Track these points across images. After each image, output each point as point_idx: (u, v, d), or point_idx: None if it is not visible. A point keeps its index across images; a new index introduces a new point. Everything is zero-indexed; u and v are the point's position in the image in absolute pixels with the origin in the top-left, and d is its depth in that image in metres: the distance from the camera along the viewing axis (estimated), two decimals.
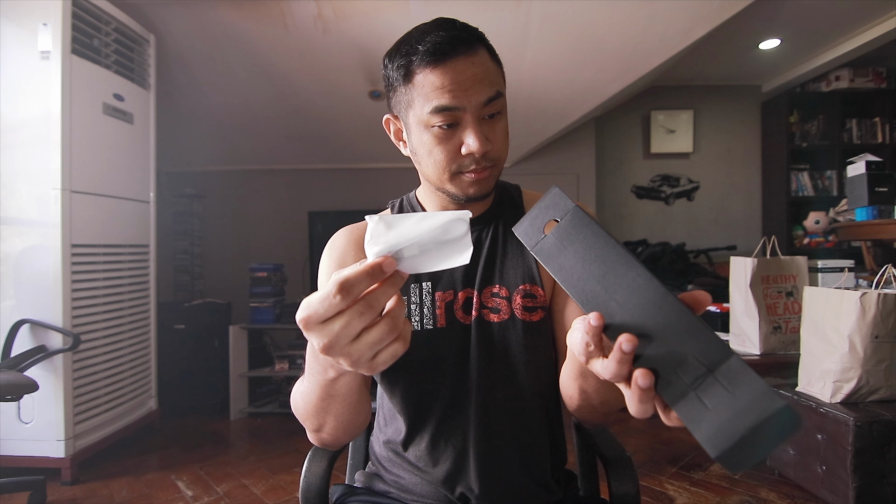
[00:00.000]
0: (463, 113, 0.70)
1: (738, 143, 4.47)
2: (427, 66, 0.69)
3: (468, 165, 0.73)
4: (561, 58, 2.92)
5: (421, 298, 0.80)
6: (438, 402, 0.78)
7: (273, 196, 4.09)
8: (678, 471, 2.17)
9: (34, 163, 2.07)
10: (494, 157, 0.75)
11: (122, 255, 2.43)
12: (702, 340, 0.37)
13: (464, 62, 0.69)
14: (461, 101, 0.69)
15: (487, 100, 0.71)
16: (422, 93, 0.71)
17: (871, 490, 1.66)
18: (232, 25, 2.64)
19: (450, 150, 0.73)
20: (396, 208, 0.89)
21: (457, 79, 0.69)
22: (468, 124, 0.71)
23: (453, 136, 0.72)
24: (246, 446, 2.59)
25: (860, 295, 1.71)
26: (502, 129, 0.75)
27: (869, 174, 2.52)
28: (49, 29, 2.04)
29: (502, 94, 0.74)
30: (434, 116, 0.70)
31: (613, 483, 0.79)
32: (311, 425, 0.71)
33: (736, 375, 0.35)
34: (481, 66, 0.71)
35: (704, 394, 0.36)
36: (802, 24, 3.35)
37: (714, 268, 3.96)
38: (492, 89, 0.71)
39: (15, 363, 1.93)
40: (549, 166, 4.18)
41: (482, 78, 0.70)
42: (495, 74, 0.73)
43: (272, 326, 3.06)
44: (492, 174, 0.76)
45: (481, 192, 0.77)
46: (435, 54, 0.69)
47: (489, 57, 0.73)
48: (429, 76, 0.70)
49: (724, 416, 0.35)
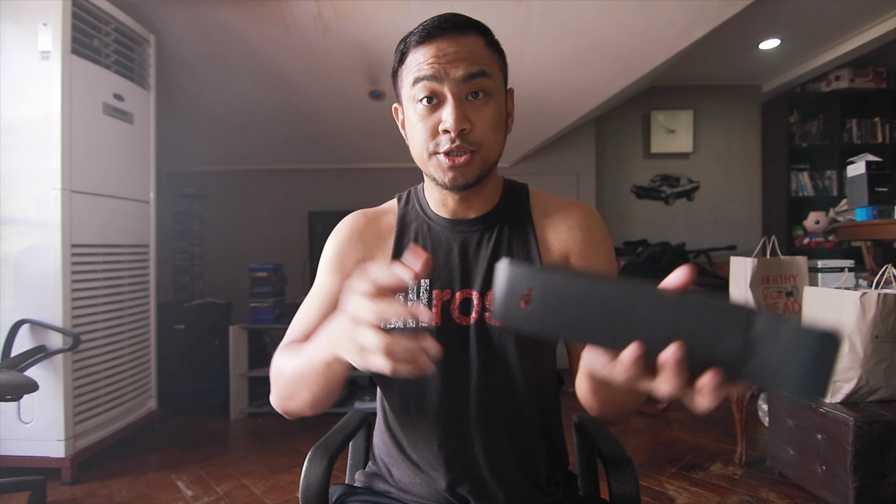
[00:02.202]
0: (442, 87, 0.70)
1: (738, 143, 4.47)
2: (416, 45, 0.72)
3: (445, 144, 0.71)
4: (561, 58, 2.91)
5: (417, 296, 0.79)
6: (436, 404, 0.78)
7: (273, 196, 4.09)
8: (678, 471, 2.17)
9: (34, 163, 2.07)
10: (475, 140, 0.72)
11: (122, 255, 2.43)
12: (723, 316, 0.39)
13: (449, 40, 0.71)
14: (439, 72, 0.70)
15: (468, 75, 0.70)
16: (410, 69, 0.73)
17: (871, 490, 1.66)
18: (232, 25, 2.64)
19: (429, 126, 0.72)
20: (403, 200, 0.88)
21: (438, 53, 0.70)
22: (447, 101, 0.71)
23: (434, 112, 0.72)
24: (246, 446, 2.59)
25: (860, 295, 1.71)
26: (488, 115, 0.72)
27: (869, 174, 2.52)
28: (49, 29, 2.04)
29: (487, 74, 0.72)
30: (416, 90, 0.71)
31: (613, 483, 0.79)
32: (285, 392, 0.70)
33: (770, 327, 0.38)
34: (466, 46, 0.71)
35: (756, 356, 0.38)
36: (802, 24, 3.35)
37: (714, 268, 3.96)
38: (474, 66, 0.71)
39: (15, 363, 1.93)
40: (549, 166, 4.18)
41: (465, 56, 0.71)
42: (484, 56, 0.73)
43: (272, 326, 3.06)
44: (472, 161, 0.72)
45: (459, 181, 0.73)
46: (423, 33, 0.72)
47: (483, 43, 0.73)
48: (416, 53, 0.72)
49: (783, 363, 0.37)
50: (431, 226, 0.83)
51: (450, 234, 0.82)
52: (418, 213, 0.85)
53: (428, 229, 0.83)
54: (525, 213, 0.83)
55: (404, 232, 0.84)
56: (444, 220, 0.82)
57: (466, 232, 0.81)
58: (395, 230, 0.84)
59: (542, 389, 0.80)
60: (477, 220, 0.82)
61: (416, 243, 0.82)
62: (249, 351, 3.10)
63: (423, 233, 0.83)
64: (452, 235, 0.82)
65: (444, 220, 0.82)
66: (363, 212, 0.87)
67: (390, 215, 0.86)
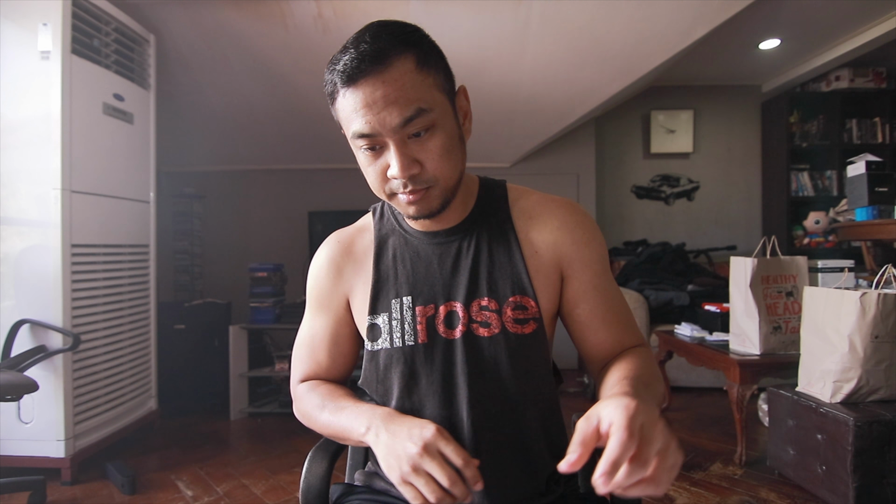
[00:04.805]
0: (382, 137, 0.66)
1: (738, 143, 4.47)
2: (342, 86, 0.66)
3: (398, 187, 0.70)
4: (561, 58, 2.91)
5: (402, 314, 0.77)
6: (430, 402, 0.77)
7: (273, 196, 4.09)
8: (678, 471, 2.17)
9: (34, 163, 2.07)
10: (428, 177, 0.69)
11: (122, 255, 2.43)
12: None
13: (373, 82, 0.64)
14: (374, 127, 0.65)
15: (403, 121, 0.65)
16: (343, 116, 0.69)
17: (871, 490, 1.66)
18: (232, 25, 2.64)
19: (378, 172, 0.70)
20: (378, 214, 0.87)
21: (366, 101, 0.64)
22: (390, 147, 0.67)
23: (380, 156, 0.69)
24: (246, 446, 2.59)
25: (860, 295, 1.72)
26: (436, 147, 0.68)
27: (869, 174, 2.52)
28: (49, 29, 2.04)
29: (424, 111, 0.65)
30: (357, 140, 0.68)
31: None
32: (313, 427, 0.82)
33: None
34: (393, 84, 0.64)
35: None
36: (802, 24, 3.35)
37: (714, 268, 3.97)
38: (409, 108, 0.64)
39: (15, 363, 1.93)
40: (549, 166, 4.19)
41: (395, 98, 0.64)
42: (416, 88, 0.65)
43: (272, 326, 3.06)
44: (430, 195, 0.70)
45: (423, 213, 0.72)
46: (345, 74, 0.65)
47: (413, 66, 0.65)
48: (344, 99, 0.67)
49: None
50: (409, 239, 0.82)
51: (427, 247, 0.80)
52: (394, 226, 0.84)
53: (405, 243, 0.82)
54: (504, 216, 0.81)
55: (382, 249, 0.82)
56: (420, 233, 0.81)
57: (444, 243, 0.80)
58: (374, 249, 0.83)
59: (539, 392, 0.79)
60: (454, 230, 0.80)
61: (396, 260, 0.81)
62: (249, 351, 3.10)
63: (400, 247, 0.82)
64: (430, 248, 0.80)
65: (419, 233, 0.81)
66: (337, 237, 0.86)
67: (366, 234, 0.85)
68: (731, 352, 2.27)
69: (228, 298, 3.41)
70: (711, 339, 2.53)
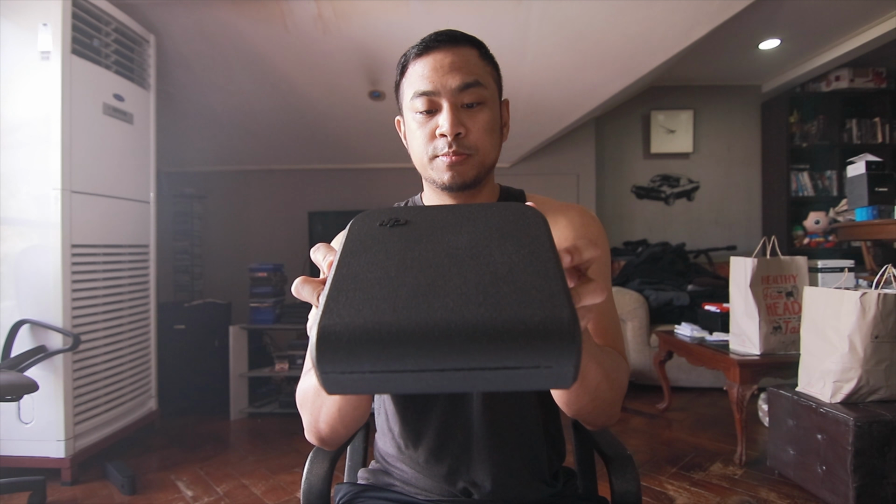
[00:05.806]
0: (440, 98, 0.75)
1: (738, 143, 4.48)
2: (415, 58, 0.77)
3: (442, 148, 0.76)
4: (561, 58, 2.92)
5: None
6: (438, 402, 0.79)
7: (273, 196, 4.09)
8: (678, 471, 2.17)
9: (34, 163, 2.07)
10: (470, 144, 0.77)
11: (122, 255, 2.43)
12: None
13: (444, 52, 0.76)
14: (436, 85, 0.75)
15: (463, 84, 0.75)
16: (409, 82, 0.78)
17: (871, 490, 1.66)
18: (232, 25, 2.64)
19: (427, 133, 0.77)
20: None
21: (435, 66, 0.75)
22: (444, 108, 0.75)
23: (431, 120, 0.77)
24: (246, 446, 2.59)
25: (860, 295, 1.72)
26: (483, 121, 0.77)
27: (869, 174, 2.52)
28: (49, 29, 2.04)
29: (481, 84, 0.76)
30: (415, 101, 0.76)
31: (615, 481, 0.79)
32: (312, 410, 0.71)
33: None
34: (461, 57, 0.76)
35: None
36: (802, 24, 3.35)
37: (714, 268, 3.97)
38: (469, 76, 0.75)
39: (15, 363, 1.93)
40: (549, 166, 4.19)
41: (460, 66, 0.75)
42: (478, 67, 0.77)
43: (272, 326, 3.06)
44: (468, 162, 0.77)
45: (457, 181, 0.78)
46: (421, 47, 0.77)
47: (477, 55, 0.78)
48: (415, 66, 0.77)
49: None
50: None
51: None
52: None
53: None
54: None
55: None
56: None
57: None
58: None
59: (541, 393, 0.81)
60: None
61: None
62: (249, 351, 3.10)
63: None
64: None
65: None
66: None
67: None
68: (731, 352, 2.27)
69: (228, 298, 3.41)
70: (711, 339, 2.53)
